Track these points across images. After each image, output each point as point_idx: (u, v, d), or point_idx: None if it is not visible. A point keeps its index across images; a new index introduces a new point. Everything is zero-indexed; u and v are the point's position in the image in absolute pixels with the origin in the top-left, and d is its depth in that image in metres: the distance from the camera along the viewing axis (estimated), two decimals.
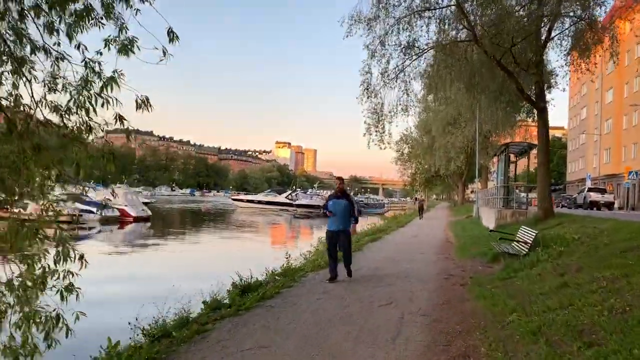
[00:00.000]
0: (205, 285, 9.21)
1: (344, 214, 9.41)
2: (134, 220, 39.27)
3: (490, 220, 22.46)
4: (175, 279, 14.05)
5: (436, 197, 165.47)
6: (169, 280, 14.08)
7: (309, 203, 69.78)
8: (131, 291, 12.34)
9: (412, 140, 65.50)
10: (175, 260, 20.11)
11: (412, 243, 17.41)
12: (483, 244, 15.49)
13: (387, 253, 14.13)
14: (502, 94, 16.68)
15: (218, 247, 26.02)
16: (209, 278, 10.01)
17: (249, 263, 13.24)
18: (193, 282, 10.93)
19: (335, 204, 9.45)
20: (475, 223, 28.75)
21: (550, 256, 9.43)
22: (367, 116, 16.47)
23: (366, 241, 17.34)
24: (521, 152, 21.28)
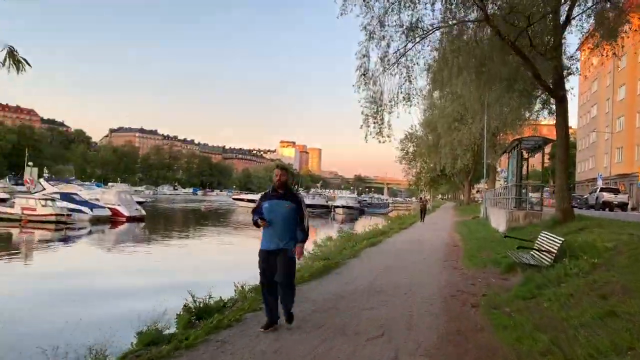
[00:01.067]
0: (170, 301, 7.65)
1: (287, 224, 5.91)
2: (127, 220, 37.76)
3: (500, 222, 20.71)
4: (136, 293, 12.50)
5: (442, 197, 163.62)
6: (128, 295, 12.52)
7: (311, 203, 68.10)
8: (64, 313, 10.19)
9: (417, 138, 63.86)
10: (150, 267, 18.46)
11: (415, 248, 15.69)
12: (494, 249, 13.77)
13: (386, 260, 12.42)
14: (516, 82, 14.90)
15: (205, 251, 24.39)
16: (177, 290, 8.41)
17: (231, 272, 11.74)
18: (156, 296, 9.33)
19: (272, 207, 5.91)
20: (483, 224, 26.99)
21: (582, 270, 7.70)
22: (364, 106, 14.77)
23: (364, 245, 15.64)
24: (534, 148, 19.51)
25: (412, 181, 75.58)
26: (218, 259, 20.66)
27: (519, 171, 18.53)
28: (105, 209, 37.29)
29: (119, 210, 38.00)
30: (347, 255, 12.97)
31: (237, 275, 9.07)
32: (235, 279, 8.64)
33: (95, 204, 37.22)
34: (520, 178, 18.54)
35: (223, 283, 9.34)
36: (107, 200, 38.75)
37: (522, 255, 9.55)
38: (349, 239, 20.59)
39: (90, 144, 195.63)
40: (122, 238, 31.39)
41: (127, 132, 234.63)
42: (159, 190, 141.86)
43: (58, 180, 51.15)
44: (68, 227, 32.60)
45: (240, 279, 8.54)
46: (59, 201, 35.25)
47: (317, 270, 9.98)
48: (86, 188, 44.90)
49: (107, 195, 39.27)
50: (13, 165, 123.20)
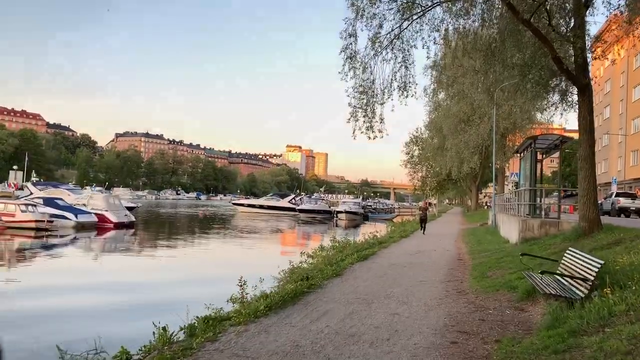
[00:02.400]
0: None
1: None
2: (114, 226, 35.71)
3: (512, 231, 18.46)
4: (94, 315, 10.59)
5: (448, 202, 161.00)
6: (84, 317, 10.54)
7: (313, 208, 66.04)
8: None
9: (422, 141, 61.78)
10: (119, 283, 16.29)
11: (413, 263, 13.49)
12: (507, 265, 11.57)
13: (374, 282, 10.23)
14: (530, 69, 12.63)
15: (192, 263, 22.20)
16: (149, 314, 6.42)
17: (209, 288, 9.75)
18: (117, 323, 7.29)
19: None
20: (492, 233, 24.73)
21: (633, 307, 5.52)
22: (352, 96, 12.52)
23: (353, 260, 13.46)
24: (550, 149, 17.29)
25: (417, 186, 73.25)
26: (203, 273, 18.49)
27: (533, 174, 16.29)
28: (91, 215, 35.29)
29: (106, 216, 35.98)
30: (329, 274, 10.81)
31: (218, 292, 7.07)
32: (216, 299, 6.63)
33: (81, 210, 35.24)
34: (534, 182, 16.31)
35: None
36: (94, 205, 36.76)
37: (545, 282, 7.32)
38: (342, 249, 18.54)
39: (96, 148, 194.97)
40: (105, 247, 29.37)
41: (133, 136, 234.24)
42: (161, 195, 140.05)
43: (46, 184, 49.21)
44: (49, 234, 30.68)
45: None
46: (41, 206, 33.31)
47: (282, 297, 7.82)
48: (74, 192, 42.88)
49: (94, 200, 37.25)
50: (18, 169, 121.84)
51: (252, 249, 28.96)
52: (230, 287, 9.43)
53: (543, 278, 7.41)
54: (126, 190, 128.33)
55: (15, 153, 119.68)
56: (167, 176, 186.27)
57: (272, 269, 12.77)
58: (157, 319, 6.45)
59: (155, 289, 15.16)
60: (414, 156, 66.33)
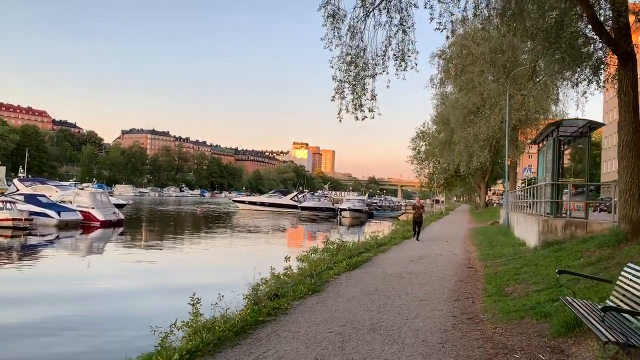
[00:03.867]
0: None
1: None
2: (101, 225, 33.61)
3: (529, 232, 16.07)
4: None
5: (456, 199, 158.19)
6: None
7: (316, 206, 63.76)
8: None
9: (429, 136, 59.31)
10: (79, 290, 14.08)
11: (414, 273, 11.16)
12: (529, 277, 9.25)
13: (360, 302, 7.91)
14: (558, 33, 10.19)
15: (171, 268, 19.89)
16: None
17: (174, 300, 9.17)
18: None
19: None
20: (505, 233, 22.34)
21: None
22: (337, 67, 10.12)
23: (341, 269, 11.16)
24: (574, 137, 14.89)
25: (424, 183, 70.71)
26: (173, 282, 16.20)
27: (556, 166, 13.88)
28: (76, 213, 33.20)
29: (92, 214, 33.89)
30: (305, 290, 8.53)
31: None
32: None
33: (65, 207, 33.15)
34: (558, 175, 13.89)
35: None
36: (80, 202, 34.66)
37: (597, 315, 4.93)
38: (336, 251, 16.28)
39: (102, 145, 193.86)
40: (82, 248, 27.22)
41: (139, 133, 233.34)
42: (164, 192, 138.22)
43: (34, 180, 47.22)
44: (28, 233, 28.62)
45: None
46: (21, 203, 31.25)
47: (222, 333, 5.54)
48: (62, 189, 40.85)
49: (81, 197, 35.14)
50: (17, 166, 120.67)
51: (242, 250, 26.75)
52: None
53: (599, 313, 5.03)
54: (128, 187, 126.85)
55: (17, 149, 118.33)
56: (171, 173, 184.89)
57: (253, 275, 10.75)
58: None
59: (113, 300, 12.98)
60: (420, 152, 63.93)
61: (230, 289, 8.65)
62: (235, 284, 8.95)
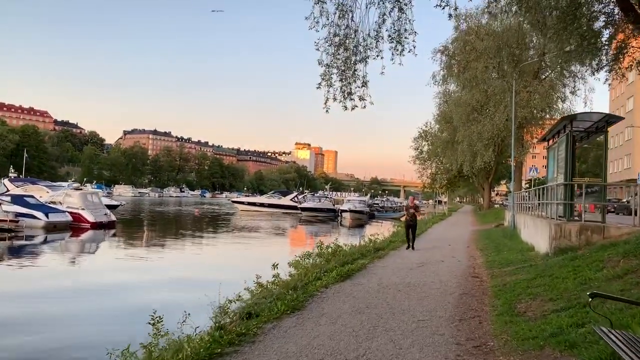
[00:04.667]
0: None
1: None
2: (91, 226, 32.46)
3: (538, 236, 14.82)
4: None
5: (459, 200, 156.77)
6: None
7: (316, 207, 62.48)
8: None
9: (431, 136, 58.06)
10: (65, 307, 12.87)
11: (412, 285, 9.92)
12: (544, 291, 8.01)
13: (346, 325, 6.64)
14: (576, 19, 8.92)
15: (151, 276, 18.60)
16: None
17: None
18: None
19: None
20: (511, 237, 21.08)
21: None
22: (324, 50, 8.83)
23: (330, 280, 9.91)
24: (590, 132, 13.64)
25: (427, 183, 69.45)
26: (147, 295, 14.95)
27: (570, 165, 12.63)
28: (65, 214, 32.10)
29: (82, 215, 32.76)
30: (287, 305, 7.32)
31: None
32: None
33: (53, 208, 32.03)
34: (571, 174, 12.64)
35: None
36: (70, 203, 33.54)
37: None
38: (330, 257, 15.09)
39: (104, 145, 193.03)
40: (71, 250, 26.17)
41: (141, 133, 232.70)
42: (164, 193, 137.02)
43: (24, 180, 46.10)
44: (14, 235, 27.51)
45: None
46: (7, 204, 30.11)
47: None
48: (53, 189, 39.74)
49: (70, 198, 34.00)
50: (16, 166, 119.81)
51: (235, 254, 25.57)
52: (168, 314, 6.43)
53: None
54: (128, 188, 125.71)
55: (17, 149, 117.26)
56: (173, 173, 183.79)
57: (237, 284, 9.70)
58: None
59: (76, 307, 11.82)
60: (423, 152, 62.74)
61: (209, 300, 7.54)
62: (215, 294, 7.77)
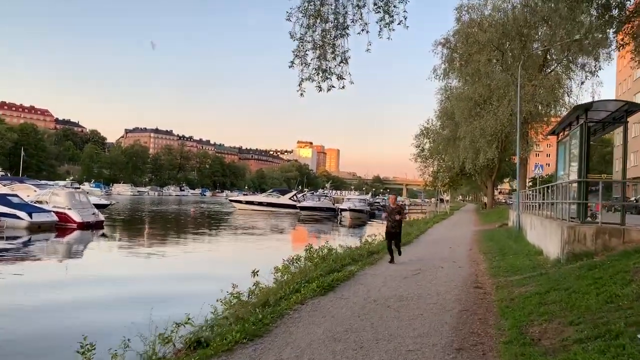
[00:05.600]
0: None
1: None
2: (78, 226, 31.13)
3: (547, 239, 13.39)
4: None
5: (462, 199, 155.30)
6: None
7: (315, 205, 61.13)
8: None
9: (433, 133, 56.75)
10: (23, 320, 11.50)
11: (405, 298, 8.53)
12: (560, 309, 6.63)
13: (317, 358, 5.30)
14: None
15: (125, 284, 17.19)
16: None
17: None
18: None
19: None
20: (517, 239, 19.67)
21: None
22: (296, 22, 7.37)
23: (308, 293, 8.51)
24: (606, 123, 12.21)
25: (428, 181, 68.13)
26: (110, 308, 13.58)
27: (585, 159, 11.21)
28: (50, 214, 30.76)
29: (68, 215, 31.42)
30: (246, 332, 5.94)
31: None
32: None
33: (38, 208, 30.71)
34: (586, 170, 11.22)
35: None
36: (56, 203, 32.21)
37: None
38: (320, 261, 13.78)
39: (106, 144, 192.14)
40: (50, 252, 24.77)
41: (143, 132, 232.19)
42: (164, 191, 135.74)
43: (12, 179, 44.91)
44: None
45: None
46: None
47: None
48: (41, 188, 38.45)
49: (57, 197, 32.67)
50: (14, 165, 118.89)
51: (222, 257, 24.14)
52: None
53: None
54: (127, 186, 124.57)
55: (15, 148, 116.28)
56: (173, 172, 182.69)
57: (210, 295, 8.50)
58: None
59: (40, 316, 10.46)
60: (424, 150, 61.51)
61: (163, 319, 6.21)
62: (190, 302, 6.42)
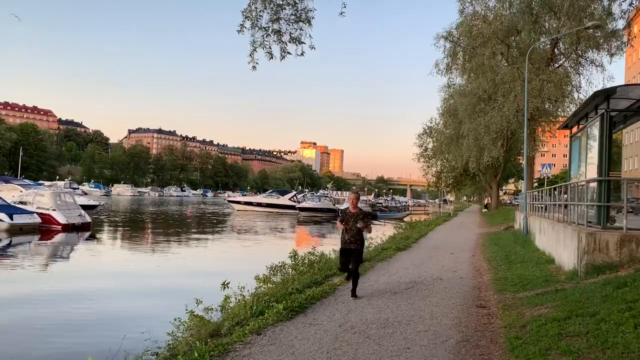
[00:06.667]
0: None
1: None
2: (63, 228, 29.72)
3: (563, 246, 11.80)
4: None
5: (466, 200, 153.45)
6: None
7: (315, 206, 59.57)
8: None
9: (436, 132, 55.26)
10: None
11: (389, 324, 6.95)
12: (590, 345, 5.03)
13: None
14: None
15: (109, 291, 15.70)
16: None
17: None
18: None
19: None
20: (524, 243, 18.08)
21: None
22: None
23: (270, 319, 6.94)
24: (628, 115, 10.63)
25: (431, 181, 66.57)
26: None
27: (606, 155, 9.64)
28: (33, 215, 29.37)
29: (52, 216, 30.03)
30: None
31: None
32: None
33: (20, 209, 29.31)
34: (607, 168, 9.65)
35: None
36: (41, 203, 30.81)
37: None
38: (307, 267, 12.41)
39: (109, 145, 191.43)
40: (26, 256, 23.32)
41: (146, 132, 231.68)
42: (165, 192, 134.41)
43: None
44: None
45: None
46: None
47: None
48: (27, 188, 36.98)
49: (41, 197, 31.24)
50: (14, 165, 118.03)
51: (205, 262, 22.50)
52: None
53: None
54: (127, 187, 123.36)
55: (15, 148, 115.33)
56: (175, 172, 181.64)
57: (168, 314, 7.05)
58: None
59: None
60: (427, 149, 60.07)
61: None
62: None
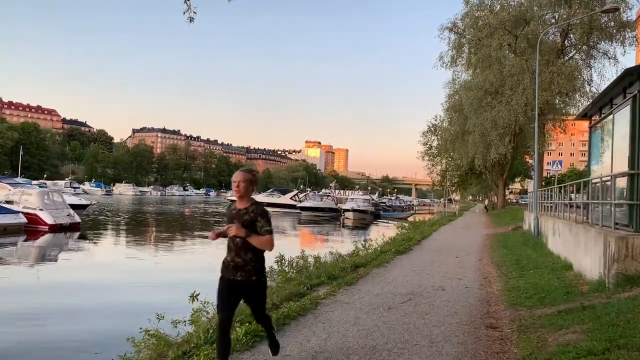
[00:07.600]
0: None
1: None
2: (50, 229, 28.55)
3: (584, 251, 10.37)
4: None
5: (472, 199, 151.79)
6: None
7: (317, 206, 58.23)
8: None
9: (441, 130, 53.85)
10: None
11: (376, 351, 5.56)
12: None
13: None
14: None
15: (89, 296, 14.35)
16: None
17: None
18: None
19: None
20: (535, 246, 16.64)
21: None
22: None
23: (235, 344, 5.62)
24: None
25: (436, 180, 65.17)
26: None
27: (638, 144, 8.21)
28: (19, 215, 28.20)
29: (39, 216, 28.87)
30: None
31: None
32: None
33: (4, 209, 28.11)
34: (639, 160, 8.21)
35: None
36: (27, 203, 29.65)
37: None
38: (297, 274, 11.12)
39: (113, 144, 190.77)
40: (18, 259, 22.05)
41: (150, 132, 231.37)
42: (167, 191, 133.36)
43: None
44: None
45: None
46: None
47: None
48: (16, 186, 35.76)
49: (27, 196, 30.05)
50: (15, 164, 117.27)
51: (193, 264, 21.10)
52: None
53: None
54: (128, 186, 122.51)
55: (16, 147, 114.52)
56: (179, 172, 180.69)
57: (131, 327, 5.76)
58: None
59: None
60: (432, 147, 58.66)
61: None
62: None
